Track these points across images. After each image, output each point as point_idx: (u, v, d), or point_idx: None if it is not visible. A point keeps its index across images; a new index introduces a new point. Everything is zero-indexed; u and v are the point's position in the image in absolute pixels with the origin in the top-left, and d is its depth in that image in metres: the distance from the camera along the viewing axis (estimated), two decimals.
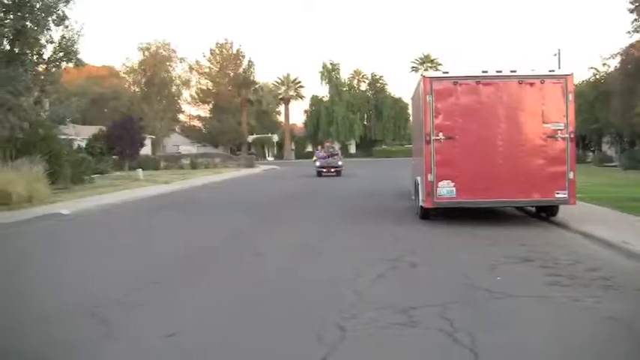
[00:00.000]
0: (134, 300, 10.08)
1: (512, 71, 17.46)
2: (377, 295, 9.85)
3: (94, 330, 8.32)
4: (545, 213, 18.68)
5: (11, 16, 35.93)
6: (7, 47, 36.64)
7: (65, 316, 9.13)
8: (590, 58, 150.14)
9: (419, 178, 19.09)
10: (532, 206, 19.22)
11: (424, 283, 10.90)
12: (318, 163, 50.48)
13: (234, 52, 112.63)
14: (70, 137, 48.96)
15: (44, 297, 10.58)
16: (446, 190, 17.35)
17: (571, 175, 17.14)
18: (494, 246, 14.30)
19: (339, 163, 50.68)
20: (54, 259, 14.72)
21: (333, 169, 49.70)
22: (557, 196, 17.20)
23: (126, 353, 7.59)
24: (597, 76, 60.61)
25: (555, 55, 66.34)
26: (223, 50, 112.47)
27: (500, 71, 17.49)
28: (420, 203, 18.58)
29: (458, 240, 15.47)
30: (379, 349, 7.42)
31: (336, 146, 61.37)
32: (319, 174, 49.16)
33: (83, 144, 56.88)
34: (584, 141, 64.95)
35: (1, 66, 33.82)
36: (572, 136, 17.23)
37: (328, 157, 51.51)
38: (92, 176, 42.42)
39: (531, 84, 17.26)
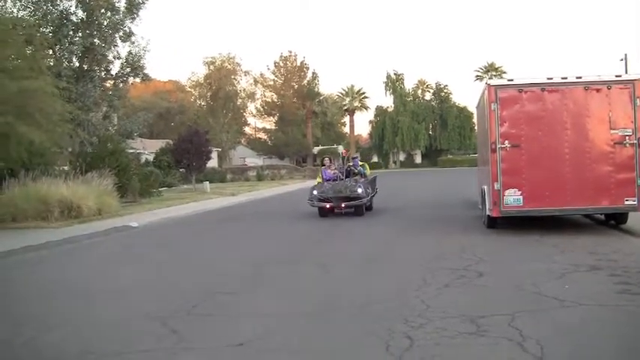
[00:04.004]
0: (203, 310, 10.28)
1: (577, 77, 17.27)
2: (444, 304, 9.81)
3: (166, 339, 8.53)
4: (615, 220, 18.42)
5: (80, 34, 36.82)
6: (77, 64, 37.55)
7: (138, 326, 9.39)
8: None
9: (485, 187, 18.96)
10: (600, 214, 18.93)
11: (492, 292, 10.84)
12: (315, 192, 25.80)
13: (299, 64, 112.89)
14: (138, 151, 49.73)
15: (119, 306, 10.90)
16: (513, 198, 17.21)
17: None
18: (561, 254, 14.14)
19: (359, 190, 25.17)
20: (124, 269, 15.07)
21: (345, 203, 25.22)
22: (626, 203, 16.94)
23: None
24: None
25: (622, 59, 65.02)
26: (287, 62, 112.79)
27: (566, 77, 17.32)
28: (487, 212, 18.44)
29: (525, 248, 15.35)
30: (447, 358, 7.43)
31: (357, 159, 29.24)
32: (321, 212, 25.56)
33: (151, 157, 57.65)
34: None
35: (71, 82, 34.62)
36: None
37: (345, 175, 26.66)
38: (160, 189, 42.94)
39: (597, 90, 17.04)
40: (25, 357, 8.18)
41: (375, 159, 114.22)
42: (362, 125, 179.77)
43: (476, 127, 47.18)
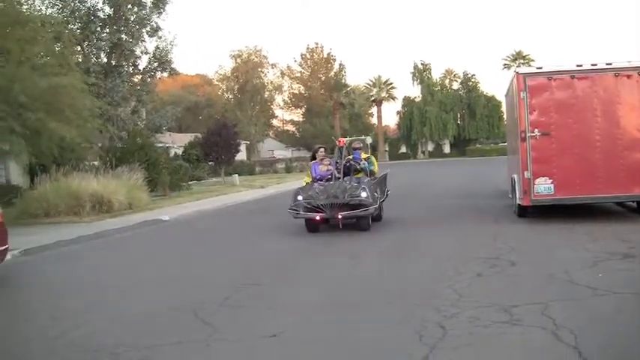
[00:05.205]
0: (235, 302, 10.36)
1: (607, 64, 17.13)
2: (477, 293, 9.82)
3: (199, 331, 8.60)
4: None
5: (107, 30, 37.15)
6: (105, 60, 37.91)
7: (171, 318, 9.48)
8: None
9: (515, 176, 18.86)
10: (632, 201, 18.75)
11: (524, 280, 10.78)
12: (300, 197, 18.28)
13: (325, 55, 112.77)
14: (167, 145, 50.00)
15: (151, 298, 11.00)
16: (543, 187, 17.11)
17: None
18: (594, 242, 14.03)
19: (363, 194, 17.45)
20: (156, 263, 15.22)
21: (343, 213, 17.46)
22: None
23: (231, 353, 7.81)
24: None
25: None
26: (314, 54, 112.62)
27: (596, 64, 17.18)
28: (517, 201, 18.35)
29: (557, 237, 15.25)
30: (481, 347, 7.41)
31: (359, 151, 21.28)
32: (308, 226, 18.52)
33: (179, 151, 58.00)
34: None
35: (100, 78, 34.93)
36: None
37: (342, 173, 19.13)
38: (189, 183, 43.17)
39: (628, 76, 16.87)
40: (59, 350, 8.24)
41: (403, 149, 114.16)
42: (389, 116, 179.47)
43: (505, 116, 46.73)
